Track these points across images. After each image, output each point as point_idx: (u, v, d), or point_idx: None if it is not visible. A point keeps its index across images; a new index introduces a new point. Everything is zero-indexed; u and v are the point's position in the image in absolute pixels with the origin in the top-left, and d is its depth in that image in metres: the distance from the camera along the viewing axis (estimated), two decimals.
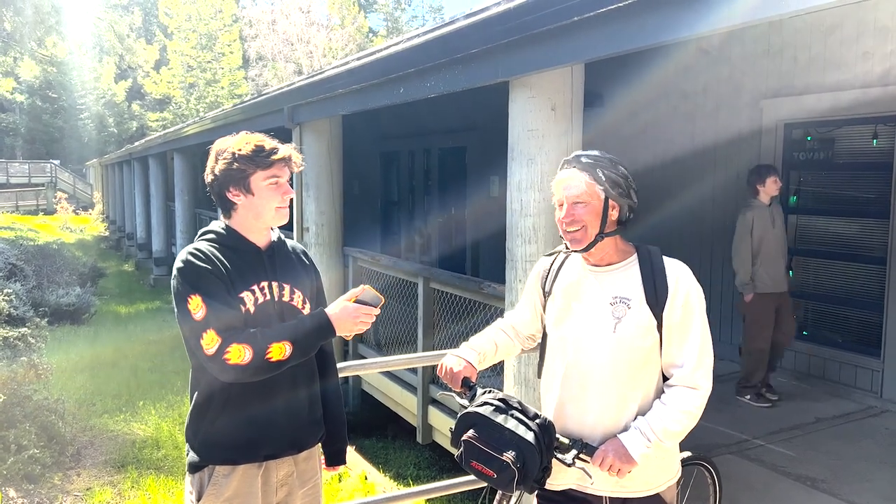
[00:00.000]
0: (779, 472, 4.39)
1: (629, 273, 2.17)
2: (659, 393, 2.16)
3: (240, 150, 2.17)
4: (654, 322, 2.10)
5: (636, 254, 2.20)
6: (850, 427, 5.13)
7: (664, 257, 2.18)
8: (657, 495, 2.20)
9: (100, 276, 16.52)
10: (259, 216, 2.21)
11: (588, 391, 2.17)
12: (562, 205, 2.15)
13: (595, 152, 2.18)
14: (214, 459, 2.19)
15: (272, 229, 2.32)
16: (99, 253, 22.75)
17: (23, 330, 6.27)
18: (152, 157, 17.57)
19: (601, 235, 2.13)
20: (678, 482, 2.30)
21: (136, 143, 21.91)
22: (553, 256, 2.37)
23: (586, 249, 2.15)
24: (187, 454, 2.25)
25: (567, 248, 2.21)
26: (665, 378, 2.17)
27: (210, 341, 2.03)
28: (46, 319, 8.96)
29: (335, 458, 2.52)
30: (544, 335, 2.36)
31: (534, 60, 3.48)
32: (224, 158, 2.17)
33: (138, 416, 7.28)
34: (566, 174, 2.17)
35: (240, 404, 2.17)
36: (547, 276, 2.35)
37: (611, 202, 2.13)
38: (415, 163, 12.85)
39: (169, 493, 5.40)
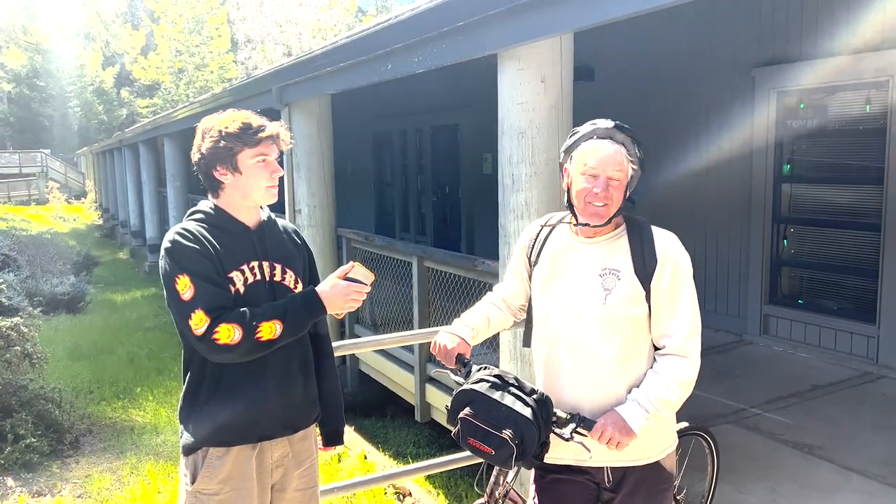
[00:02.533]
0: (776, 440, 4.40)
1: (618, 244, 2.14)
2: (650, 363, 2.14)
3: (226, 127, 2.11)
4: (643, 292, 2.09)
5: (625, 225, 2.17)
6: (847, 394, 5.15)
7: (653, 227, 2.16)
8: (657, 463, 2.19)
9: (94, 264, 16.48)
10: (247, 195, 2.17)
11: (577, 363, 2.15)
12: (596, 177, 2.08)
13: (626, 126, 2.14)
14: (208, 441, 2.17)
15: (262, 208, 2.28)
16: (93, 241, 22.67)
17: (15, 320, 6.24)
18: (143, 144, 17.44)
19: (619, 212, 2.12)
20: (676, 450, 2.29)
21: (127, 130, 21.74)
22: (541, 224, 2.34)
23: (604, 225, 2.13)
24: (181, 436, 2.23)
25: (576, 220, 2.15)
26: (656, 348, 2.15)
27: (199, 321, 2.00)
28: (41, 309, 8.94)
29: (332, 439, 2.49)
30: (530, 305, 2.33)
31: (521, 31, 3.43)
32: (211, 136, 2.12)
33: (136, 402, 7.28)
34: (602, 145, 2.09)
35: (232, 385, 2.14)
36: (533, 245, 2.31)
37: (630, 181, 2.13)
38: (407, 142, 12.77)
39: (168, 478, 5.41)
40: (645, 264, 2.09)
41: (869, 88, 5.59)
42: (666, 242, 2.12)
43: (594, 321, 2.12)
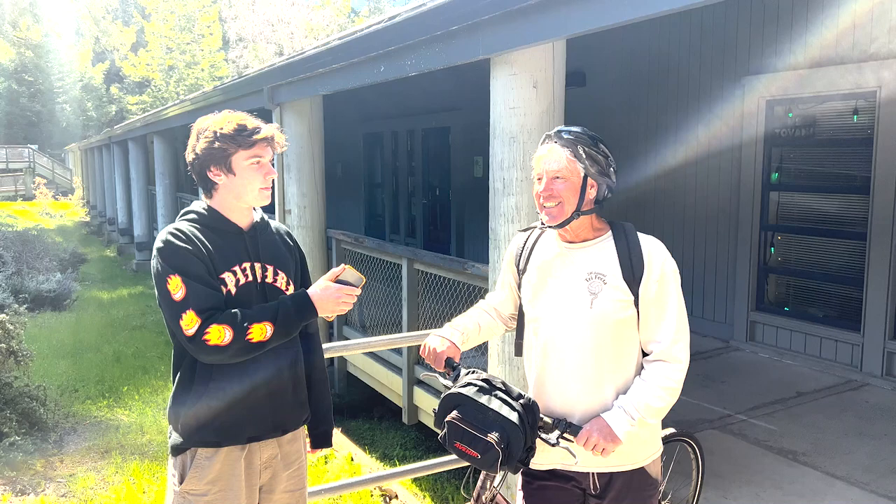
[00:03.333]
0: (761, 446, 4.44)
1: (604, 249, 2.16)
2: (639, 369, 2.16)
3: (221, 128, 2.12)
4: (631, 297, 2.10)
5: (611, 230, 2.19)
6: (831, 401, 5.20)
7: (639, 233, 2.18)
8: (642, 469, 2.21)
9: (81, 261, 16.37)
10: (240, 196, 2.18)
11: (567, 368, 2.16)
12: (540, 178, 2.14)
13: (577, 128, 2.16)
14: (197, 441, 2.16)
15: (255, 210, 2.28)
16: (80, 238, 22.51)
17: (1, 317, 6.19)
18: (132, 141, 17.35)
19: (577, 213, 2.12)
20: (661, 456, 2.31)
21: (116, 127, 21.63)
22: (528, 233, 2.36)
23: (561, 226, 2.14)
24: (169, 436, 2.23)
25: (542, 223, 2.19)
26: (644, 354, 2.17)
27: (189, 322, 2.00)
28: (27, 306, 8.88)
29: (321, 441, 2.49)
30: (521, 312, 2.35)
31: (515, 37, 3.44)
32: (205, 137, 2.13)
33: (122, 401, 7.24)
34: (546, 148, 2.15)
35: (222, 386, 2.14)
36: (521, 253, 2.34)
37: (589, 180, 2.11)
38: (398, 144, 12.77)
39: (154, 477, 5.38)
40: (633, 269, 2.11)
41: (856, 99, 5.65)
42: (652, 249, 2.14)
43: (582, 325, 2.13)
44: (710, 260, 6.86)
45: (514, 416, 2.02)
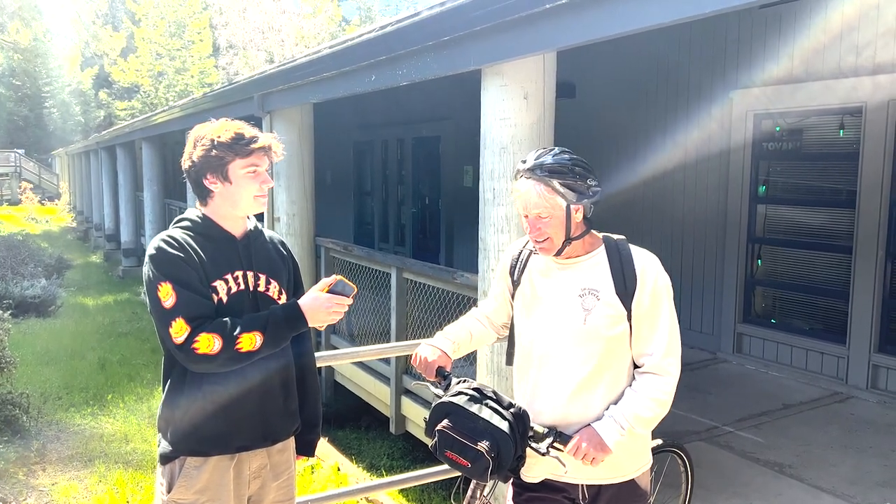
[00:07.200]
0: (748, 458, 4.45)
1: (597, 264, 2.16)
2: (630, 381, 2.17)
3: (219, 136, 2.12)
4: (624, 312, 2.11)
5: (603, 245, 2.20)
6: (817, 413, 5.23)
7: (631, 246, 2.18)
8: (632, 481, 2.21)
9: (66, 267, 16.24)
10: (236, 204, 2.17)
11: (560, 383, 2.16)
12: (526, 216, 2.13)
13: (549, 158, 2.09)
14: (186, 450, 2.15)
15: (249, 218, 2.28)
16: (66, 244, 22.32)
17: None
18: (120, 147, 17.26)
19: (568, 241, 2.12)
20: (651, 468, 2.31)
21: (104, 132, 21.51)
22: (522, 244, 2.36)
23: (557, 254, 2.16)
24: (158, 445, 2.21)
25: (536, 250, 2.20)
26: (636, 366, 2.17)
27: (179, 330, 1.99)
28: (10, 312, 8.76)
29: (304, 449, 2.48)
30: (513, 324, 2.35)
31: (506, 48, 3.46)
32: (203, 145, 2.12)
33: (106, 409, 7.16)
34: (524, 187, 2.10)
35: (212, 394, 2.13)
36: (515, 265, 2.34)
37: (572, 207, 2.09)
38: (388, 152, 12.78)
39: (137, 487, 5.32)
40: (625, 284, 2.11)
41: (843, 114, 5.71)
42: (645, 263, 2.15)
43: (575, 341, 2.13)
44: (698, 272, 6.90)
45: (504, 425, 2.03)
